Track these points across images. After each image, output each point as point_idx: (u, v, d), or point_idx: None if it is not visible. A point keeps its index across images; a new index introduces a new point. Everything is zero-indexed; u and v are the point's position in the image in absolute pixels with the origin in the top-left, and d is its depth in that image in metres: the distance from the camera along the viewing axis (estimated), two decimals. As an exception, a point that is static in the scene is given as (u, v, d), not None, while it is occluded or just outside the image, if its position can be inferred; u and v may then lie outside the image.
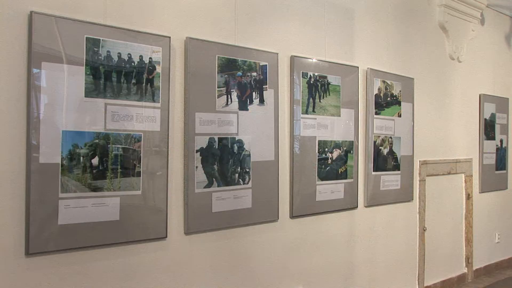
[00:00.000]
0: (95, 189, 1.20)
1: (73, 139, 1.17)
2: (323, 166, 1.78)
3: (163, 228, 1.33)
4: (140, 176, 1.28)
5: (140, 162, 1.28)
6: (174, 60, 1.38)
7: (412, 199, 2.26)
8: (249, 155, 1.53)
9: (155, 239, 1.32)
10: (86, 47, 1.19)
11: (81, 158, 1.18)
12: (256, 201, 1.55)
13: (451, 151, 2.56)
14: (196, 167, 1.39)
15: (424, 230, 2.33)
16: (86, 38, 1.20)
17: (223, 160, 1.47)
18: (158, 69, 1.33)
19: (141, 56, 1.29)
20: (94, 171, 1.20)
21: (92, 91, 1.20)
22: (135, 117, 1.27)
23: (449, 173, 2.53)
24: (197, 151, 1.40)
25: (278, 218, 1.64)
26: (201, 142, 1.41)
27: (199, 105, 1.41)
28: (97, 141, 1.22)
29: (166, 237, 1.34)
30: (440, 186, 2.49)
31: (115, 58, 1.24)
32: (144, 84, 1.29)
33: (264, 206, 1.58)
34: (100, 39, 1.22)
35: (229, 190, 1.48)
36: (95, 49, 1.21)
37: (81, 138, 1.19)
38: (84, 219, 1.18)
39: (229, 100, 1.48)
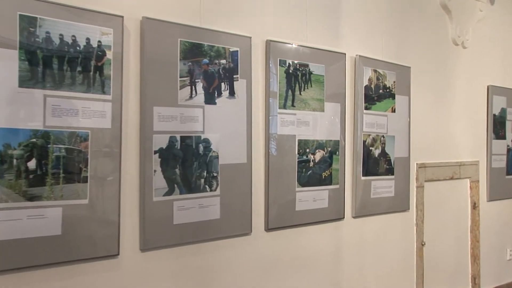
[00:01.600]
0: (32, 198, 1.30)
1: (5, 138, 1.27)
2: (304, 169, 1.99)
3: (115, 243, 1.46)
4: (87, 182, 1.41)
5: (87, 165, 1.41)
6: (128, 44, 1.52)
7: (408, 209, 2.55)
8: (217, 157, 1.71)
9: (105, 257, 1.45)
10: (19, 26, 1.29)
11: (15, 160, 1.28)
12: (225, 211, 1.73)
13: (454, 152, 2.88)
14: (155, 171, 1.55)
15: (423, 244, 2.63)
16: (20, 15, 1.30)
17: (187, 163, 1.63)
18: (109, 54, 1.47)
19: (88, 39, 1.43)
20: (31, 176, 1.30)
21: (28, 80, 1.31)
22: (81, 111, 1.40)
23: (451, 178, 2.84)
24: (155, 152, 1.56)
25: (251, 231, 1.83)
26: (161, 141, 1.57)
27: (158, 98, 1.57)
28: (34, 140, 1.32)
29: (118, 254, 1.48)
30: (441, 194, 2.80)
31: (56, 41, 1.36)
32: (91, 73, 1.43)
33: (235, 217, 1.76)
34: (37, 17, 1.33)
35: (194, 198, 1.65)
36: (31, 29, 1.31)
37: (14, 136, 1.29)
38: (18, 235, 1.28)
39: (194, 92, 1.65)
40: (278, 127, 1.91)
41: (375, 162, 2.32)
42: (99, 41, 1.45)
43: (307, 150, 2.01)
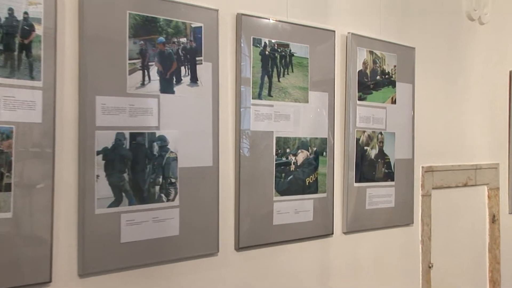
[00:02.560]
0: None
1: None
2: (283, 174, 2.11)
3: (46, 268, 1.50)
4: (10, 190, 1.44)
5: (11, 169, 1.44)
6: (63, 17, 1.57)
7: (412, 223, 2.70)
8: (175, 159, 1.79)
9: (34, 285, 1.49)
10: None
11: None
12: (186, 226, 1.81)
13: (468, 153, 3.06)
14: (97, 176, 1.61)
15: (430, 267, 2.78)
16: None
17: (138, 166, 1.70)
18: (38, 30, 1.50)
19: (10, 10, 1.46)
20: None
21: None
22: (2, 101, 1.43)
23: (465, 185, 3.02)
24: (98, 152, 1.62)
25: (218, 251, 1.91)
26: (105, 139, 1.63)
27: (101, 85, 1.62)
28: None
29: (51, 281, 1.52)
30: (453, 204, 2.96)
31: (-32, 13, 1.40)
32: (16, 53, 1.45)
33: (198, 234, 1.85)
34: None
35: (146, 210, 1.72)
36: None
37: None
38: None
39: (147, 78, 1.72)
40: (252, 122, 2.02)
41: (371, 165, 2.47)
42: (26, 13, 1.48)
43: (288, 151, 2.13)
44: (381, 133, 2.51)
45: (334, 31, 2.30)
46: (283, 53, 2.12)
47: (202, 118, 1.88)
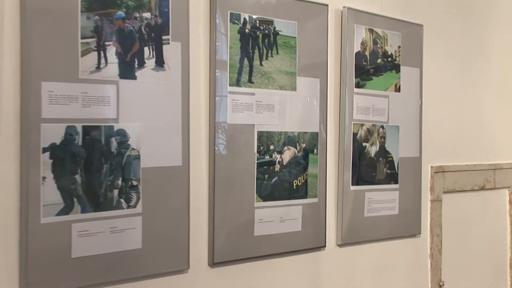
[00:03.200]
0: None
1: None
2: (266, 176, 2.14)
3: None
4: None
5: None
6: None
7: (420, 233, 2.75)
8: (137, 158, 1.80)
9: None
10: None
11: None
12: (150, 238, 1.83)
13: (486, 150, 3.10)
14: (44, 178, 1.61)
15: (441, 286, 2.83)
16: None
17: (92, 167, 1.71)
18: None
19: None
20: None
21: None
22: None
23: (482, 188, 3.07)
24: (44, 150, 1.61)
25: (188, 267, 1.93)
26: (53, 134, 1.62)
27: (48, 68, 1.61)
28: None
29: None
30: (468, 211, 3.01)
31: None
32: None
33: (164, 247, 1.87)
34: None
35: (103, 219, 1.73)
36: None
37: None
38: None
39: (103, 60, 1.72)
40: (229, 113, 2.04)
41: (371, 165, 2.51)
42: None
43: (272, 148, 2.16)
44: (382, 127, 2.55)
45: (327, 5, 2.33)
46: (266, 32, 2.14)
47: (170, 109, 1.89)
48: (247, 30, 2.10)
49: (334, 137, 2.42)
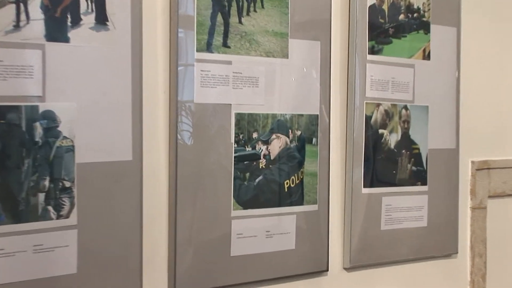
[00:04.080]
0: None
1: None
2: (247, 174, 2.02)
3: None
4: None
5: None
6: None
7: (456, 252, 2.66)
8: (71, 150, 1.73)
9: None
10: None
11: None
12: (88, 260, 1.73)
13: None
14: None
15: None
16: None
17: (9, 162, 1.63)
18: None
19: None
20: None
21: None
22: None
23: None
24: None
25: None
26: None
27: None
28: None
29: None
30: None
31: None
32: None
33: (108, 272, 1.77)
34: None
35: (24, 233, 1.64)
36: None
37: None
38: None
39: (23, 16, 1.64)
40: (197, 88, 1.92)
41: (390, 160, 2.39)
42: None
43: (255, 136, 2.05)
44: (406, 108, 2.44)
45: None
46: (248, -23, 1.91)
47: (116, 84, 1.80)
48: (221, -26, 1.85)
49: (339, 121, 2.28)
